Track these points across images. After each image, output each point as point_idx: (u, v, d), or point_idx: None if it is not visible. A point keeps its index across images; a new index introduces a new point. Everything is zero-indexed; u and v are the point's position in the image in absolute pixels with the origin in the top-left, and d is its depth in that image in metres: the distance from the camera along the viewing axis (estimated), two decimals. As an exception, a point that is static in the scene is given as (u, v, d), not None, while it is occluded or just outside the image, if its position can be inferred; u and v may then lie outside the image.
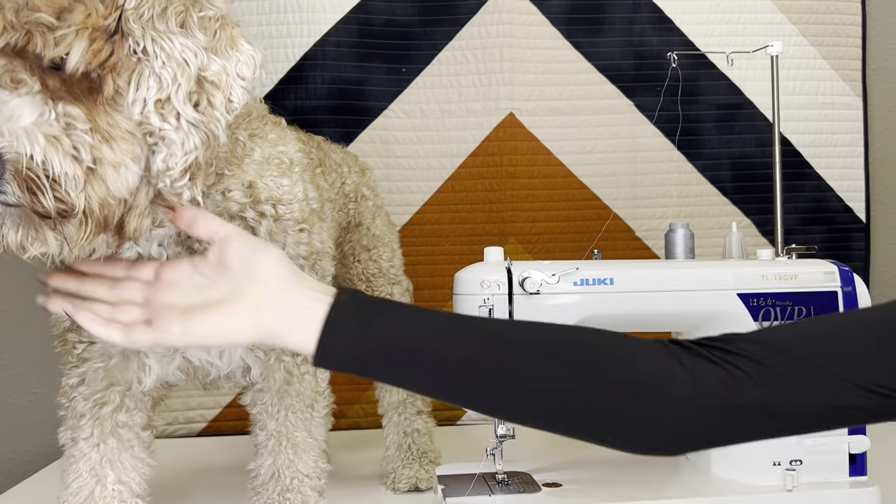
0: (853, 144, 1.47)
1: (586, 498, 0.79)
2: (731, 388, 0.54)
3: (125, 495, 0.72)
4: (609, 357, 0.56)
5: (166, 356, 0.71)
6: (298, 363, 0.75)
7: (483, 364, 0.56)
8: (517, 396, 0.56)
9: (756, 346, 0.55)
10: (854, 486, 0.80)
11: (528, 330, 0.59)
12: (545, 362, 0.56)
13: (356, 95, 1.36)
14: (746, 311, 0.82)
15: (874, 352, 0.55)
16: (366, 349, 0.58)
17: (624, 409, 0.55)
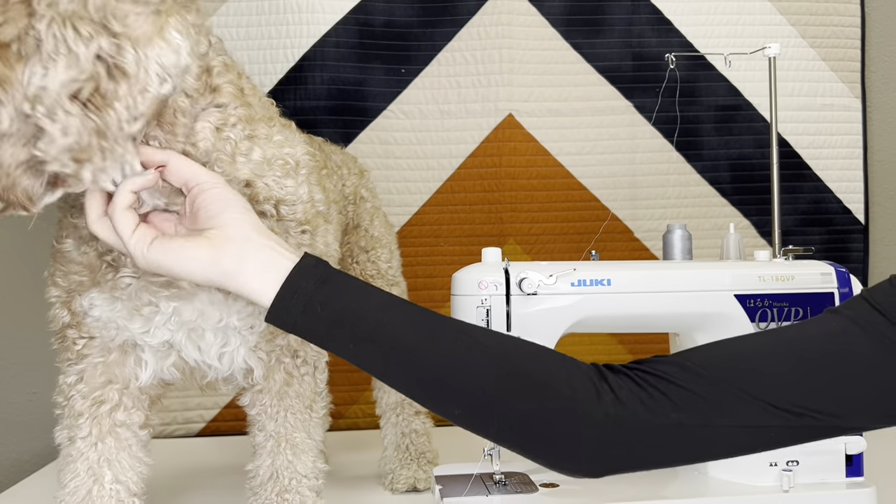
0: (852, 146, 1.47)
1: (583, 498, 0.79)
2: (651, 410, 0.55)
3: (122, 494, 0.72)
4: (542, 369, 0.58)
5: (161, 350, 0.70)
6: (298, 364, 0.75)
7: (431, 353, 0.58)
8: (450, 394, 0.58)
9: (677, 368, 0.56)
10: (851, 487, 0.80)
11: (473, 334, 0.61)
12: (480, 361, 0.58)
13: (355, 96, 1.36)
14: (743, 312, 0.82)
15: (790, 371, 0.56)
16: (322, 316, 0.59)
17: (550, 420, 0.56)
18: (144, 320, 0.68)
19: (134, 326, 0.69)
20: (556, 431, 0.56)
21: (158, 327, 0.69)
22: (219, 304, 0.69)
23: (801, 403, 0.56)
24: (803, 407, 0.56)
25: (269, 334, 0.72)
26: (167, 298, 0.67)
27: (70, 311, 0.71)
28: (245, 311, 0.70)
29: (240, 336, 0.71)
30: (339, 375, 1.35)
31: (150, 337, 0.69)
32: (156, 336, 0.69)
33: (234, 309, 0.69)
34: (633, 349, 1.43)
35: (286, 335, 0.73)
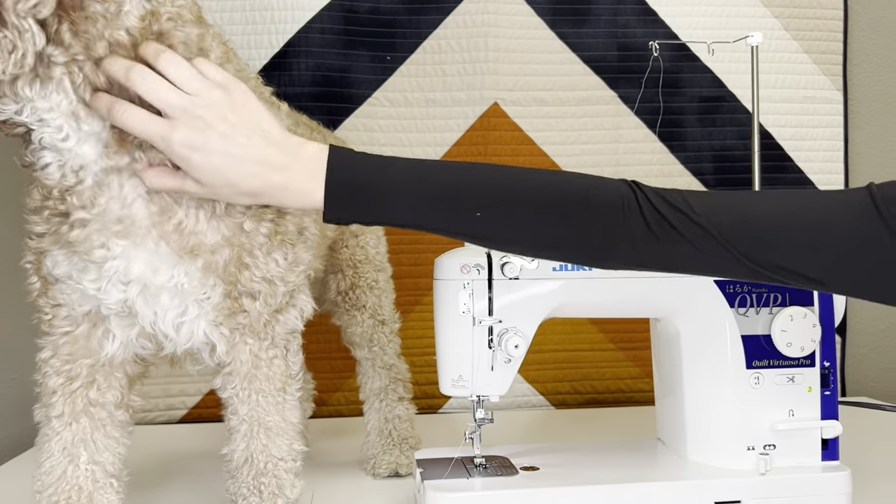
0: (833, 139, 1.49)
1: (563, 481, 0.80)
2: (661, 242, 0.65)
3: (98, 475, 0.72)
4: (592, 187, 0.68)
5: (125, 318, 0.69)
6: (265, 347, 0.73)
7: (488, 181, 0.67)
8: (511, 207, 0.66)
9: (685, 218, 0.64)
10: (826, 471, 0.81)
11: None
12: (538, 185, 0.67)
13: (340, 83, 1.36)
14: (723, 297, 0.83)
15: (795, 241, 0.62)
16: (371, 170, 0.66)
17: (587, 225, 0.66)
18: (96, 269, 0.66)
19: (87, 280, 0.67)
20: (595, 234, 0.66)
21: (111, 281, 0.67)
22: (165, 259, 0.67)
23: (791, 268, 0.62)
24: (791, 271, 0.63)
25: (227, 309, 0.70)
26: (116, 235, 0.66)
27: (39, 276, 0.70)
28: (195, 275, 0.68)
29: (198, 306, 0.69)
30: (323, 363, 1.35)
31: (104, 295, 0.67)
32: (110, 294, 0.67)
33: (183, 268, 0.67)
34: (615, 338, 1.44)
35: (247, 314, 0.71)
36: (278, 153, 0.65)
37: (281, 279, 0.72)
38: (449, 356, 0.83)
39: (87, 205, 0.66)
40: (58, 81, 0.62)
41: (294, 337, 0.76)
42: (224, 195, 0.66)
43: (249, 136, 0.64)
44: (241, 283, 0.70)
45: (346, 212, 0.66)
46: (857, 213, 0.61)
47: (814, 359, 0.83)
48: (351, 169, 0.66)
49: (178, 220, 0.67)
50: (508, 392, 1.40)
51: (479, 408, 0.84)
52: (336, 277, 1.03)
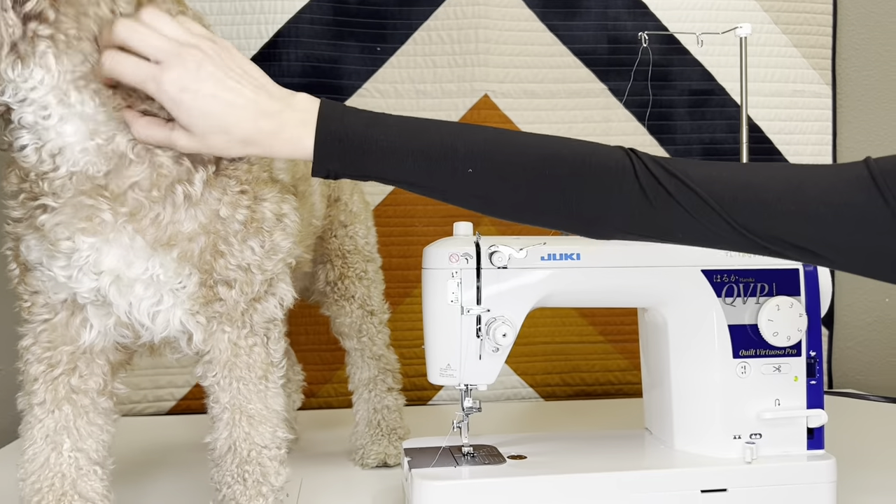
0: (822, 132, 1.49)
1: (550, 469, 0.80)
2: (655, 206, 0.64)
3: (82, 462, 0.71)
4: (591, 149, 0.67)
5: (102, 306, 0.69)
6: (244, 336, 0.73)
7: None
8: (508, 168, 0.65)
9: (680, 184, 0.64)
10: (811, 459, 0.82)
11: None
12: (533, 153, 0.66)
13: (330, 74, 1.35)
14: (710, 286, 0.83)
15: (791, 211, 0.62)
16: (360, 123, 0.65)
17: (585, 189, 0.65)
18: (65, 258, 0.66)
19: (57, 267, 0.66)
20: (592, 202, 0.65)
21: (82, 270, 0.66)
22: (140, 252, 0.66)
23: (789, 241, 0.62)
24: (790, 243, 0.62)
25: (202, 298, 0.70)
26: (82, 233, 0.65)
27: (18, 262, 0.70)
28: (170, 266, 0.67)
29: (173, 295, 0.68)
30: (312, 354, 1.35)
31: (76, 283, 0.66)
32: (81, 282, 0.66)
33: (159, 260, 0.67)
34: (604, 330, 1.44)
35: (223, 303, 0.71)
36: (269, 99, 0.64)
37: (258, 267, 0.71)
38: (437, 345, 0.83)
39: (57, 193, 0.65)
40: (41, 55, 0.61)
41: (274, 325, 0.75)
42: (214, 144, 0.64)
43: (240, 80, 0.63)
44: (217, 272, 0.69)
45: (336, 164, 0.64)
46: (855, 187, 0.61)
47: (800, 348, 0.84)
48: (342, 121, 0.64)
49: (156, 213, 0.67)
50: (498, 384, 1.42)
51: (467, 397, 0.84)
52: (325, 267, 1.03)
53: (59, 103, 0.63)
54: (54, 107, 0.63)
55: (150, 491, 0.94)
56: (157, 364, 1.34)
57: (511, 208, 0.67)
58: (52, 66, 0.62)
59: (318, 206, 0.93)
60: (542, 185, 0.65)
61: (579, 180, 0.64)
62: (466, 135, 0.66)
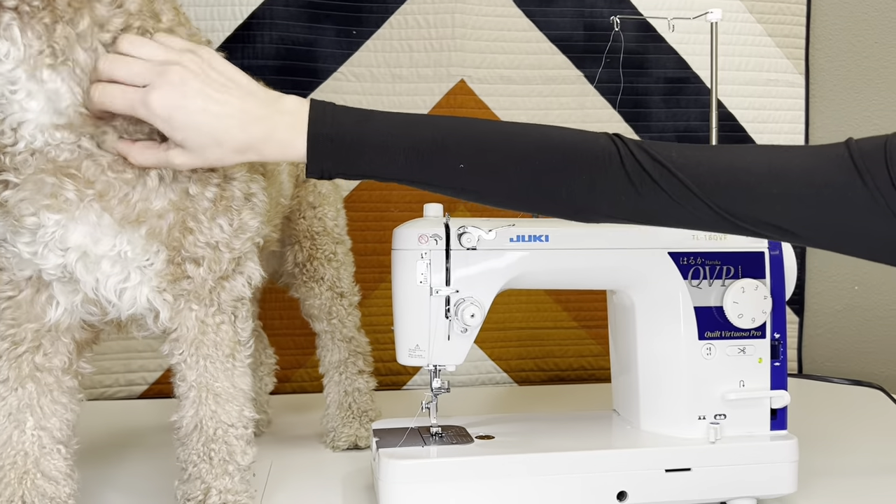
0: (794, 122, 1.51)
1: (517, 449, 0.80)
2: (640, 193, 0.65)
3: (45, 441, 0.71)
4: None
5: (68, 283, 0.68)
6: (212, 314, 0.73)
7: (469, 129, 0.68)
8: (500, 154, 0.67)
9: (662, 168, 0.65)
10: (774, 439, 0.83)
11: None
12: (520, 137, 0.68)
13: (305, 57, 1.35)
14: (676, 269, 0.84)
15: (772, 193, 0.62)
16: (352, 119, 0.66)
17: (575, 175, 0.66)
18: (30, 234, 0.65)
19: (21, 243, 0.66)
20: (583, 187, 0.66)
21: (47, 246, 0.65)
22: (107, 229, 0.66)
23: (764, 220, 0.63)
24: (773, 224, 0.63)
25: (170, 275, 0.70)
26: (47, 209, 0.64)
27: None
28: (138, 243, 0.67)
29: (140, 273, 0.68)
30: (286, 339, 1.35)
31: (41, 260, 0.66)
32: (47, 259, 0.66)
33: (126, 237, 0.66)
34: (578, 315, 1.45)
35: (191, 280, 0.71)
36: (257, 104, 0.65)
37: (226, 245, 0.71)
38: (406, 326, 0.83)
39: (18, 168, 0.64)
40: (5, 27, 0.60)
41: (242, 304, 0.75)
42: (211, 157, 0.65)
43: (226, 90, 0.64)
44: (185, 249, 0.69)
45: (329, 163, 0.65)
46: (835, 167, 0.62)
47: (764, 330, 0.85)
48: (332, 121, 0.65)
49: (125, 192, 0.66)
50: (472, 369, 1.43)
51: (436, 377, 0.84)
52: (293, 249, 1.03)
53: (29, 79, 0.62)
54: (23, 82, 0.62)
55: (118, 471, 0.94)
56: (129, 348, 1.33)
57: (503, 198, 0.69)
58: (18, 39, 0.61)
59: (286, 185, 0.93)
60: (531, 174, 0.66)
61: (568, 168, 0.66)
62: (456, 129, 0.67)
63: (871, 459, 0.98)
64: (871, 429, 1.12)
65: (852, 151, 0.62)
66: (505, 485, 0.77)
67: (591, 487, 0.79)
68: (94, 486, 0.87)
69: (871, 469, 0.95)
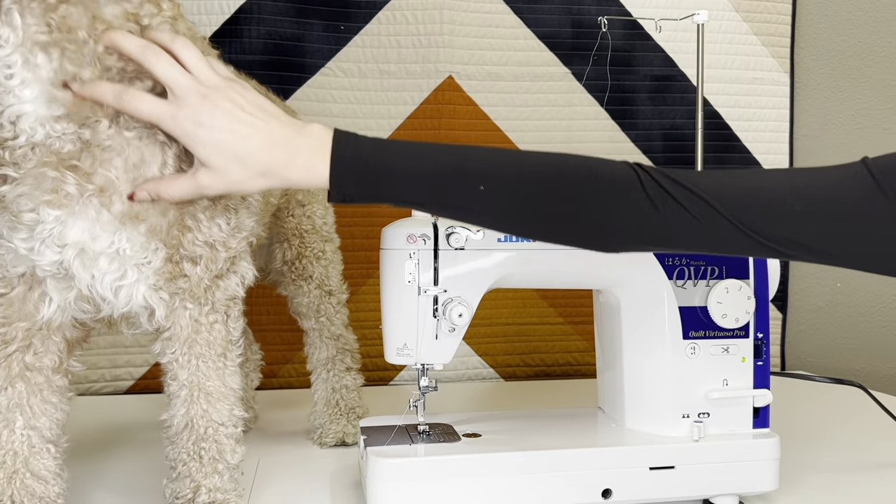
0: (779, 120, 1.52)
1: (503, 447, 0.81)
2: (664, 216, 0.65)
3: (35, 440, 0.71)
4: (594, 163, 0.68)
5: (62, 281, 0.68)
6: (206, 312, 0.73)
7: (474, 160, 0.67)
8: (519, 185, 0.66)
9: (689, 193, 0.65)
10: (757, 437, 0.84)
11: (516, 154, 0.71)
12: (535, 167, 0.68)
13: (293, 52, 1.34)
14: (662, 269, 0.85)
15: (796, 212, 0.63)
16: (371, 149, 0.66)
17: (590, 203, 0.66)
18: (27, 230, 0.65)
19: (18, 239, 0.65)
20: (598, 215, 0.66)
21: (44, 243, 0.65)
22: (106, 226, 0.66)
23: (789, 237, 0.63)
24: (799, 243, 0.64)
25: (168, 273, 0.70)
26: (47, 205, 0.64)
27: None
28: (136, 241, 0.67)
29: (137, 270, 0.68)
30: (273, 335, 1.35)
31: (38, 256, 0.65)
32: (44, 255, 0.65)
33: (125, 234, 0.66)
34: (564, 312, 1.46)
35: (187, 279, 0.71)
36: (282, 128, 0.66)
37: (223, 244, 0.71)
38: (394, 325, 0.83)
39: (18, 163, 0.64)
40: (6, 12, 0.60)
41: (234, 303, 0.75)
42: (234, 176, 0.65)
43: (254, 113, 0.65)
44: (184, 247, 0.69)
45: (351, 188, 0.66)
46: (856, 183, 0.63)
47: (748, 330, 0.86)
48: (356, 147, 0.66)
49: (126, 189, 0.66)
50: (459, 364, 1.43)
51: (424, 376, 0.85)
52: (282, 247, 1.03)
53: (24, 64, 0.61)
54: (18, 67, 0.61)
55: (106, 469, 0.94)
56: (116, 343, 1.32)
57: (523, 222, 0.68)
58: (18, 24, 0.60)
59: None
60: (551, 198, 0.66)
61: (589, 191, 0.66)
62: (477, 154, 0.68)
63: (852, 456, 1.00)
64: (852, 426, 1.14)
65: (870, 168, 0.63)
66: (492, 482, 0.78)
67: (576, 485, 0.80)
68: (82, 484, 0.87)
69: (852, 466, 0.97)
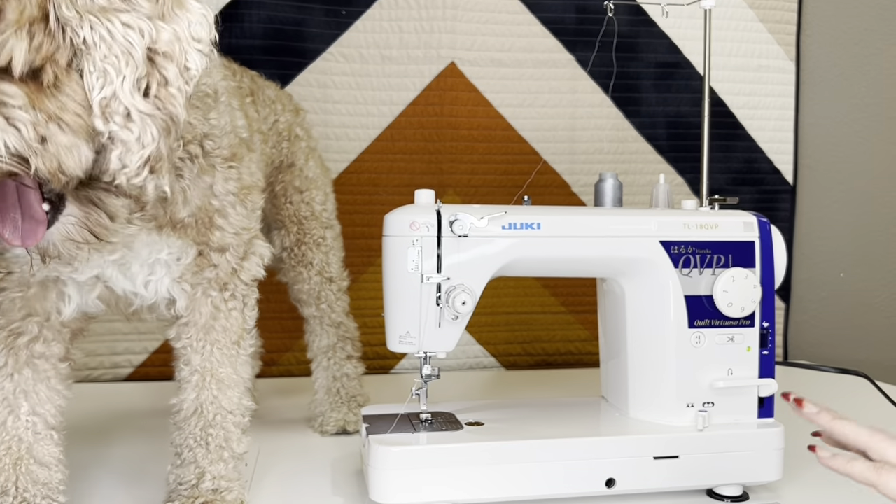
0: (784, 108, 1.51)
1: (506, 436, 0.80)
2: None
3: (39, 426, 0.71)
4: None
5: (87, 285, 0.68)
6: (226, 298, 0.73)
7: None
8: None
9: None
10: (761, 427, 0.83)
11: None
12: None
13: (294, 37, 1.33)
14: (668, 258, 0.84)
15: None
16: None
17: None
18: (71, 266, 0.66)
19: (62, 268, 0.66)
20: None
21: (88, 265, 0.67)
22: (151, 244, 0.68)
23: None
24: None
25: (195, 266, 0.71)
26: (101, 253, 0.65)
27: None
28: (175, 246, 0.69)
29: (165, 267, 0.70)
30: (273, 322, 1.34)
31: (77, 274, 0.67)
32: (84, 273, 0.67)
33: (166, 244, 0.68)
34: (566, 301, 1.45)
35: (215, 268, 0.72)
36: None
37: (245, 228, 0.73)
38: (397, 313, 0.82)
39: None
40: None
41: (252, 291, 0.76)
42: None
43: None
44: (213, 242, 0.70)
45: None
46: None
47: (753, 319, 0.85)
48: None
49: (153, 211, 0.67)
50: (460, 353, 1.43)
51: (426, 364, 0.84)
52: (280, 234, 1.02)
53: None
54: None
55: (107, 456, 0.93)
56: (115, 331, 1.32)
57: None
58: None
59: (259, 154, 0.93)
60: None
61: None
62: None
63: (855, 446, 0.99)
64: (857, 416, 1.13)
65: None
66: (494, 471, 0.78)
67: (580, 474, 0.79)
68: (83, 470, 0.87)
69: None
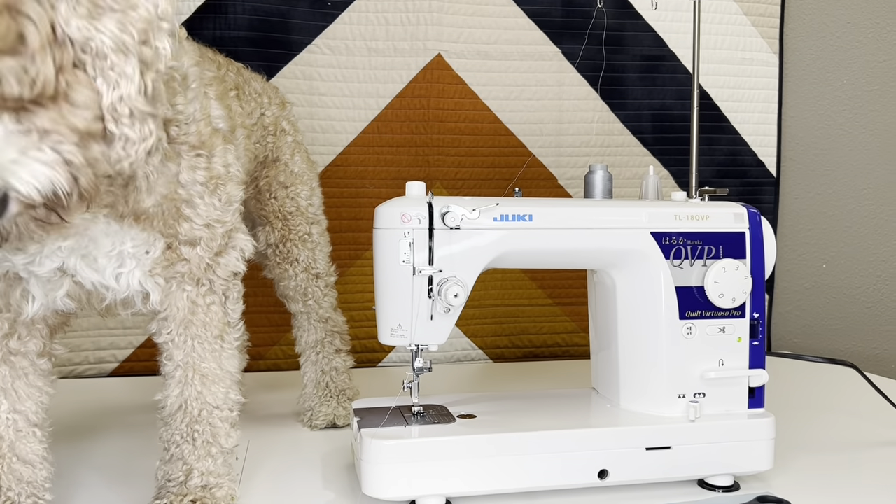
0: (768, 101, 1.52)
1: (499, 428, 0.80)
2: None
3: (21, 424, 0.69)
4: None
5: (52, 281, 0.66)
6: (203, 293, 0.71)
7: None
8: None
9: None
10: (752, 417, 0.84)
11: None
12: None
13: (279, 28, 1.31)
14: (659, 249, 0.84)
15: None
16: None
17: None
18: (25, 254, 0.63)
19: (17, 259, 0.63)
20: None
21: (46, 256, 0.64)
22: (112, 235, 0.65)
23: None
24: None
25: (165, 261, 0.69)
26: (54, 238, 0.62)
27: None
28: (139, 238, 0.67)
29: (135, 259, 0.67)
30: (260, 316, 1.33)
31: (36, 266, 0.64)
32: (43, 265, 0.64)
33: (129, 236, 0.66)
34: (553, 293, 1.46)
35: (187, 262, 0.69)
36: None
37: (218, 221, 0.70)
38: (388, 306, 0.82)
39: None
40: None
41: (234, 284, 0.74)
42: None
43: None
44: (182, 234, 0.68)
45: None
46: None
47: (744, 310, 0.86)
48: None
49: (113, 198, 0.64)
50: (448, 346, 1.42)
51: (418, 357, 0.83)
52: (265, 230, 1.00)
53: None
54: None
55: (93, 452, 0.92)
56: (100, 325, 1.30)
57: None
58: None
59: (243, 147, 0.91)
60: None
61: None
62: None
63: (845, 436, 1.01)
64: (845, 406, 1.14)
65: None
66: (487, 464, 0.77)
67: (573, 466, 0.79)
68: (69, 467, 0.85)
69: (845, 445, 0.97)
